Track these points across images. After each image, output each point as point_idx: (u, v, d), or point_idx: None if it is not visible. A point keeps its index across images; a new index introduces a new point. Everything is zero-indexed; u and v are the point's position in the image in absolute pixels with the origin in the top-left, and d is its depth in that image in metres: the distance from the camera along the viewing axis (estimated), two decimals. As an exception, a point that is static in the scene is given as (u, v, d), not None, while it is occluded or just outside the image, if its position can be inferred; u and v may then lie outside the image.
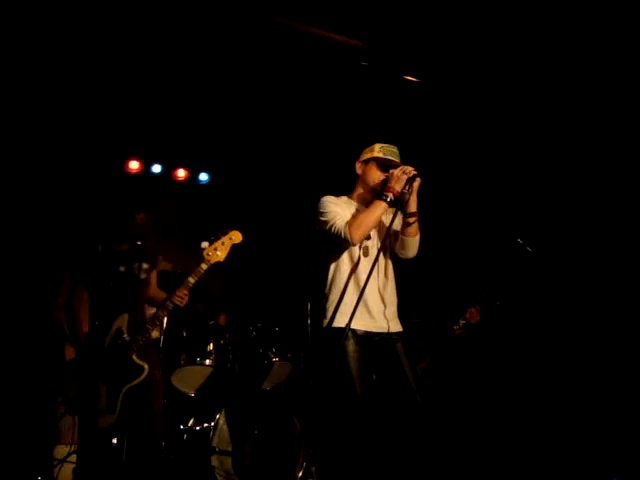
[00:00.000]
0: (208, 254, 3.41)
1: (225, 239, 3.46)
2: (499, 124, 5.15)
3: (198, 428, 4.12)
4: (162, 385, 3.73)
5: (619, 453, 4.01)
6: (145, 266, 3.64)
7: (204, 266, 3.42)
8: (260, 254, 6.50)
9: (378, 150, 3.23)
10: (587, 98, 4.60)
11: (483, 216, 5.23)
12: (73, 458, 3.89)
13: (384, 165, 3.19)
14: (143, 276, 3.64)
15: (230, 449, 4.05)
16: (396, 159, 3.22)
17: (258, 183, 6.58)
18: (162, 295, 3.61)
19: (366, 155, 3.27)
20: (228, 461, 4.01)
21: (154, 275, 3.77)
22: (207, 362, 4.44)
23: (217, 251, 3.43)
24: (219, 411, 4.12)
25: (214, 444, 4.01)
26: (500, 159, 5.31)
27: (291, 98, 5.34)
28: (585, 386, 4.44)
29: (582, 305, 4.60)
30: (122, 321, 3.49)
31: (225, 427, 4.09)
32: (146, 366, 3.49)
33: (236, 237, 3.50)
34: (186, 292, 3.44)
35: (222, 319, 5.05)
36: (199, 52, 4.79)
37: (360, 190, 3.28)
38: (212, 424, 4.07)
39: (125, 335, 3.48)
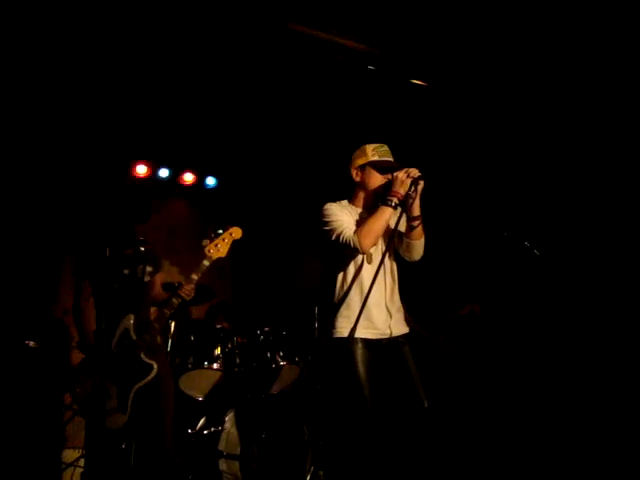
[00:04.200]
0: (210, 250, 3.46)
1: (225, 235, 3.50)
2: (505, 127, 5.13)
3: (206, 432, 4.11)
4: (172, 384, 3.77)
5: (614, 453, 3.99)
6: (149, 269, 3.69)
7: (206, 262, 3.46)
8: (268, 257, 6.51)
9: (372, 153, 3.17)
10: (591, 102, 4.59)
11: (486, 217, 5.21)
12: (82, 462, 3.91)
13: (382, 168, 3.15)
14: (147, 279, 3.68)
15: (238, 453, 4.05)
16: (391, 158, 3.18)
17: (266, 187, 6.59)
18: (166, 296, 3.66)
19: (360, 160, 3.20)
20: (236, 465, 4.01)
21: (159, 277, 3.83)
22: (215, 366, 4.44)
23: (218, 247, 3.47)
24: (227, 415, 4.12)
25: (222, 448, 4.02)
26: (506, 161, 5.29)
27: (299, 102, 5.34)
28: (587, 387, 4.43)
29: (586, 306, 4.58)
30: (128, 321, 3.52)
31: (233, 431, 4.09)
32: (155, 364, 3.52)
33: (236, 233, 3.54)
34: (192, 287, 3.48)
35: (227, 323, 5.05)
36: (206, 56, 4.80)
37: (361, 195, 3.23)
38: (220, 428, 4.08)
39: (132, 335, 3.50)
